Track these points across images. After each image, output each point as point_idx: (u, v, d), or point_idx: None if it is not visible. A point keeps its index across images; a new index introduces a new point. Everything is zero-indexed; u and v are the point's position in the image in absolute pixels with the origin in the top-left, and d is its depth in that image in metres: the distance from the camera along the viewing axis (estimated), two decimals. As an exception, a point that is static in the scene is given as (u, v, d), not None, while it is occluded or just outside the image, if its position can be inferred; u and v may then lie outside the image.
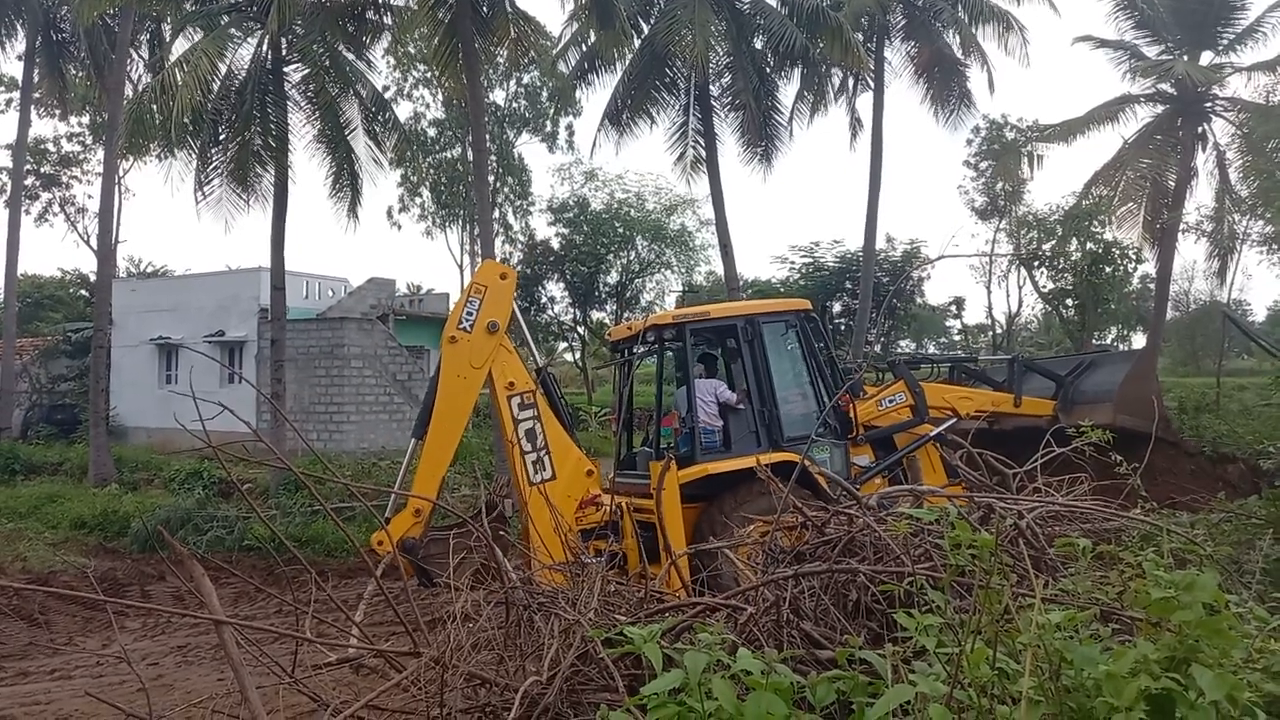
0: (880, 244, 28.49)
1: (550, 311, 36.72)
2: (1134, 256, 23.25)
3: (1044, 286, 24.03)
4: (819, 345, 10.19)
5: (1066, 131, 24.71)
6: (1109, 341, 41.44)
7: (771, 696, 2.43)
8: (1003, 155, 34.58)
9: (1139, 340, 44.03)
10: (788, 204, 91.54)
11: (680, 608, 3.96)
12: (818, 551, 4.65)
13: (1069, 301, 23.20)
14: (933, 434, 10.23)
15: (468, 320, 8.83)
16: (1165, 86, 23.54)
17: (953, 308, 38.45)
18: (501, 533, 8.53)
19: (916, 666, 2.64)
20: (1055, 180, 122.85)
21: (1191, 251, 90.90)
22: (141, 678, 4.12)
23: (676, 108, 23.86)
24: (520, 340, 10.00)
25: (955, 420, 10.92)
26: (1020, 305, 38.27)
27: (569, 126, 39.67)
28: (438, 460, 8.67)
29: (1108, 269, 21.42)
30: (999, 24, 23.32)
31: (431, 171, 39.15)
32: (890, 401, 10.66)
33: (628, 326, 10.35)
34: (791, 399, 9.83)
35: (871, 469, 9.94)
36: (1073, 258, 21.64)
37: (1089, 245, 21.25)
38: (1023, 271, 28.36)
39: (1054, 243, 22.14)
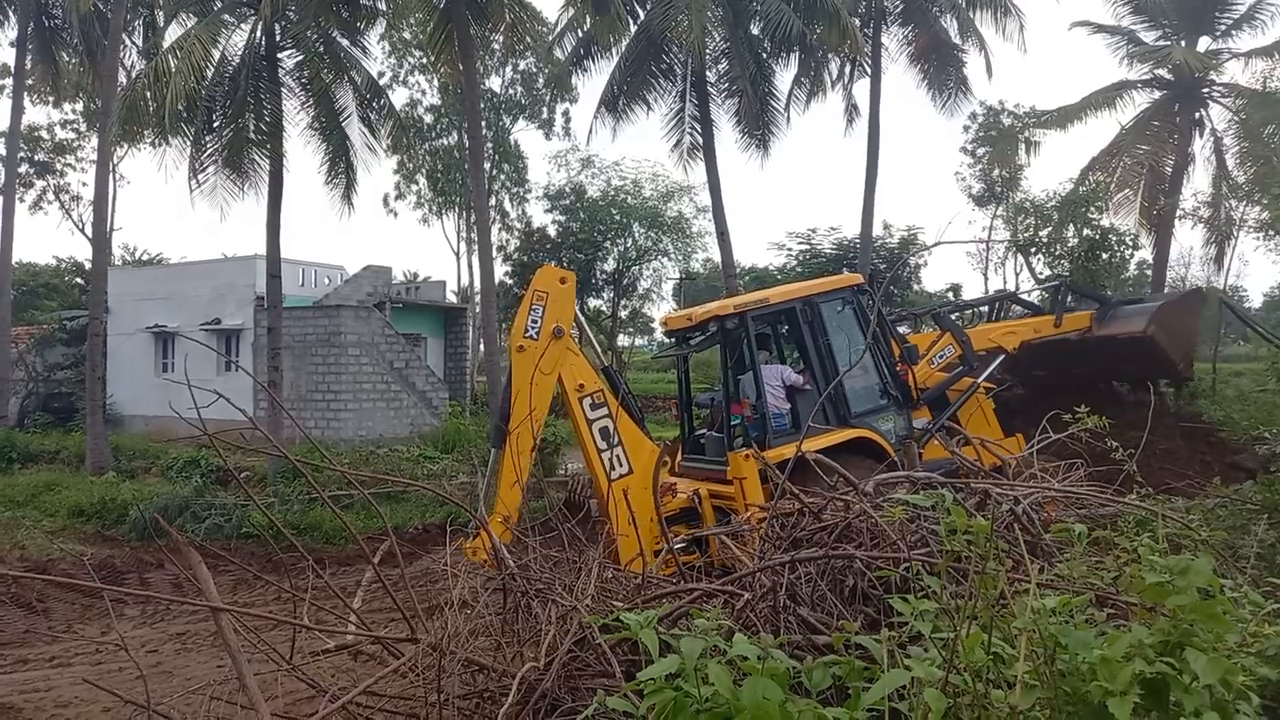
0: (877, 230, 28.52)
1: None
2: (1131, 243, 23.18)
3: (1041, 273, 23.98)
4: (875, 316, 10.35)
5: (1063, 118, 24.66)
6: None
7: (767, 681, 2.44)
8: (1000, 141, 34.53)
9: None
10: (785, 190, 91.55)
11: (677, 593, 3.97)
12: (814, 538, 4.66)
13: (1066, 288, 23.22)
14: (978, 382, 10.48)
15: (534, 328, 9.00)
16: (1163, 72, 23.48)
17: (950, 294, 38.42)
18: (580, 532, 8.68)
19: (912, 651, 2.65)
20: (1052, 166, 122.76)
21: (1188, 237, 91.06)
22: (139, 665, 4.14)
23: (673, 94, 23.79)
24: (583, 341, 10.18)
25: (1002, 358, 11.17)
26: (1017, 291, 38.25)
27: (565, 113, 39.60)
28: (520, 467, 8.79)
29: (1105, 255, 21.36)
30: (997, 9, 23.25)
31: (427, 159, 39.02)
32: (941, 357, 10.82)
33: (687, 317, 10.52)
34: (854, 374, 9.95)
35: (927, 430, 10.09)
36: (1069, 244, 21.58)
37: (1086, 231, 21.19)
38: (1019, 258, 28.35)
39: (1050, 229, 22.09)
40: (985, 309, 13.18)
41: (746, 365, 9.92)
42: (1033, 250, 23.31)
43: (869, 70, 24.35)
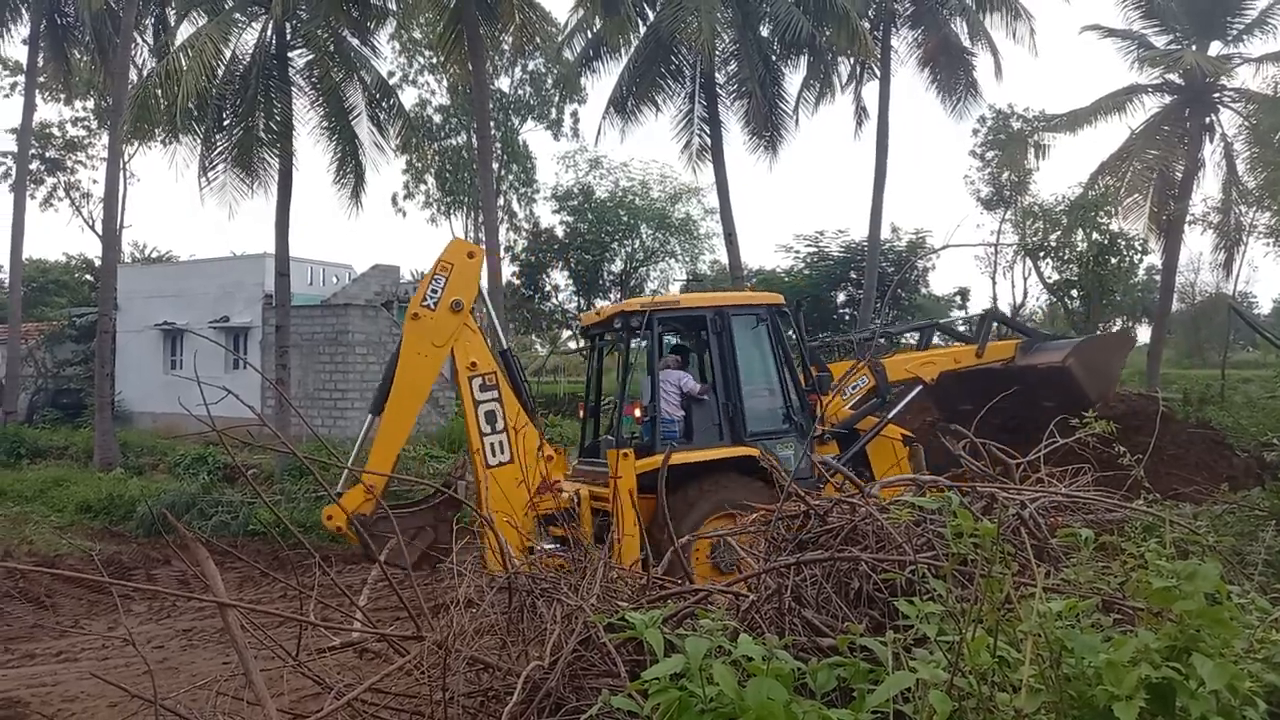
0: (885, 234, 28.47)
1: (554, 299, 36.69)
2: (1140, 248, 23.19)
3: (1049, 277, 23.98)
4: (791, 339, 10.11)
5: (1073, 122, 24.59)
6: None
7: (772, 682, 2.44)
8: (1009, 145, 34.43)
9: (1144, 332, 43.95)
10: (793, 193, 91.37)
11: (682, 594, 3.98)
12: (820, 540, 4.66)
13: (1074, 293, 23.18)
14: (887, 418, 10.07)
15: (432, 298, 8.72)
16: (1173, 77, 23.41)
17: (958, 298, 38.36)
18: (450, 514, 8.53)
19: (917, 654, 2.65)
20: (1061, 171, 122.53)
21: (1198, 243, 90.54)
22: (147, 660, 4.16)
23: (682, 95, 23.82)
24: (487, 321, 9.83)
25: (918, 390, 10.84)
26: (1025, 296, 38.16)
27: (574, 114, 39.62)
28: (394, 438, 8.60)
29: (1113, 260, 21.36)
30: (1007, 11, 23.21)
31: (436, 158, 39.09)
32: (853, 388, 10.42)
33: (597, 313, 10.23)
34: (757, 393, 9.67)
35: (833, 466, 9.79)
36: (1078, 249, 21.57)
37: (1095, 236, 21.18)
38: (1028, 262, 28.31)
39: (1059, 233, 22.07)
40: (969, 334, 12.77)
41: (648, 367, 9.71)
42: (1041, 254, 23.31)
43: (878, 73, 24.34)
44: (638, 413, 9.48)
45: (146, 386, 27.09)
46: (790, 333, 10.33)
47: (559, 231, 35.71)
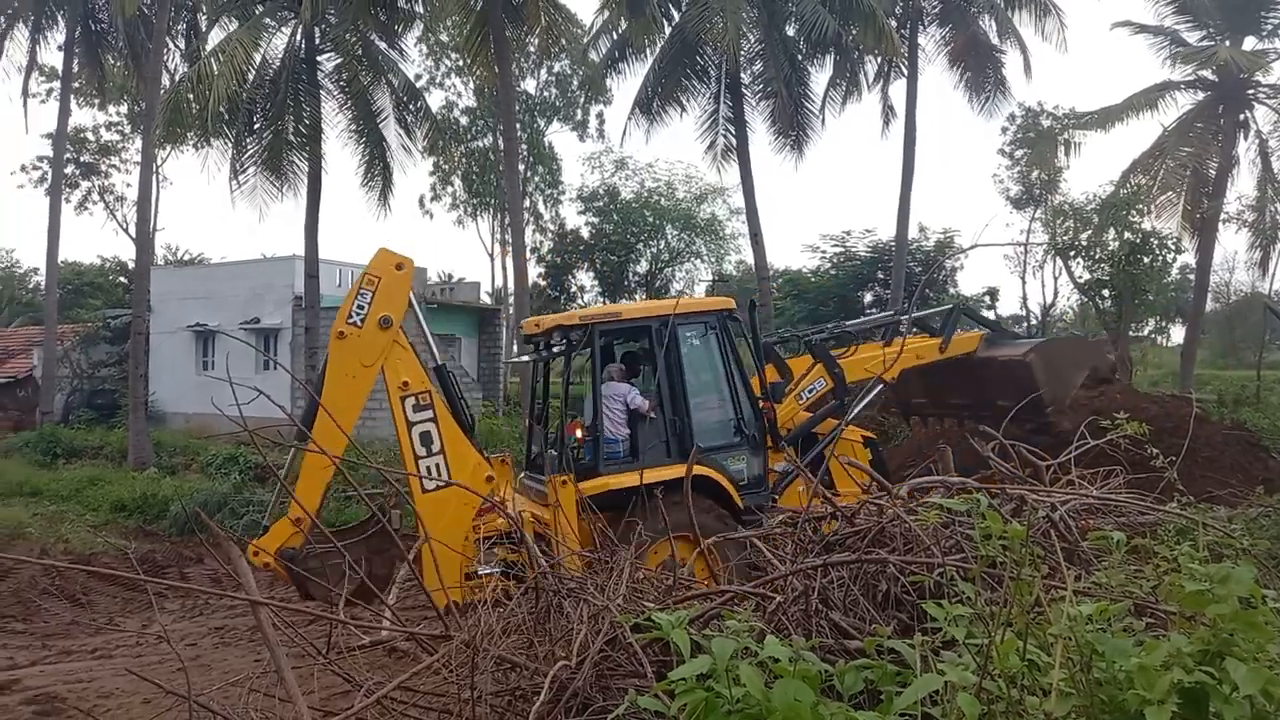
0: (913, 233, 28.25)
1: (580, 301, 36.77)
2: (1173, 247, 22.80)
3: (1080, 277, 23.62)
4: (748, 342, 9.56)
5: (1104, 119, 24.28)
6: (1147, 334, 40.81)
7: (799, 683, 2.44)
8: (1039, 143, 34.05)
9: (1178, 332, 43.31)
10: (819, 193, 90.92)
11: (708, 595, 3.98)
12: (847, 542, 4.64)
13: (1105, 292, 22.83)
14: (845, 421, 9.64)
15: (358, 314, 8.10)
16: (1206, 73, 23.05)
17: (986, 298, 38.01)
18: (384, 545, 7.96)
19: (945, 657, 2.64)
20: (1092, 169, 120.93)
21: (1232, 242, 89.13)
22: (181, 657, 4.22)
23: (707, 96, 23.77)
24: (418, 337, 9.11)
25: (879, 389, 10.46)
26: (1056, 296, 37.72)
27: (599, 115, 39.71)
28: (321, 468, 7.83)
29: (1146, 259, 21.00)
30: (1036, 8, 22.97)
31: (463, 160, 39.31)
32: (810, 391, 9.94)
33: (536, 324, 9.60)
34: (706, 406, 9.14)
35: (789, 474, 9.13)
36: (1110, 248, 21.25)
37: (1127, 235, 20.84)
38: (1058, 262, 27.98)
39: (1090, 232, 21.76)
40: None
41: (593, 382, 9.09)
42: (1072, 254, 22.99)
43: (905, 71, 24.16)
44: (579, 433, 9.01)
45: (179, 387, 27.46)
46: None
47: (584, 233, 35.80)
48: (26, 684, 8.03)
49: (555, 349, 9.36)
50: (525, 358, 10.89)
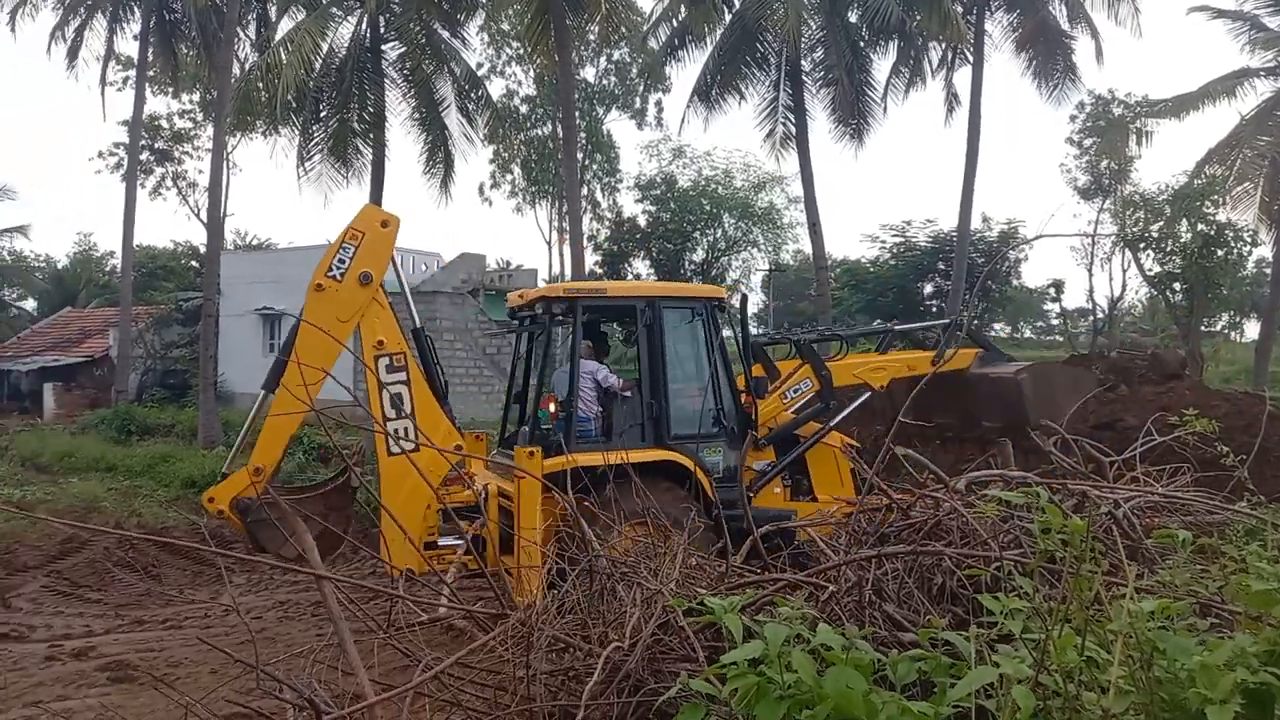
0: (975, 223, 27.70)
1: (637, 289, 36.82)
2: (1249, 239, 22.05)
3: (1150, 270, 22.96)
4: (736, 335, 9.36)
5: (1178, 107, 23.52)
6: (1219, 329, 39.47)
7: (851, 671, 2.44)
8: (1109, 131, 33.10)
9: (1252, 328, 41.78)
10: (880, 182, 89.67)
11: (761, 583, 4.00)
12: (902, 534, 4.61)
13: (1176, 286, 22.16)
14: (830, 425, 9.27)
15: (339, 268, 7.94)
16: (1289, 59, 22.19)
17: (1051, 290, 37.19)
18: (342, 503, 7.99)
19: (1001, 650, 2.62)
20: (1165, 158, 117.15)
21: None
22: (250, 629, 4.38)
23: (766, 83, 23.59)
24: (400, 297, 8.84)
25: (867, 397, 10.04)
26: (1124, 289, 36.70)
27: (658, 103, 39.65)
28: (286, 419, 7.77)
29: (1220, 252, 20.32)
30: (1109, -8, 22.31)
31: (522, 148, 39.61)
32: (795, 391, 9.65)
33: (520, 295, 9.45)
34: (686, 393, 8.98)
35: (768, 473, 9.03)
36: (1182, 240, 20.61)
37: (1200, 227, 20.19)
38: (1127, 254, 27.21)
39: (1162, 224, 21.12)
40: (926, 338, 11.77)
41: (569, 358, 8.94)
42: (1142, 246, 22.35)
43: (971, 58, 23.65)
44: (552, 407, 8.86)
45: (247, 368, 28.22)
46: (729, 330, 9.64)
47: (641, 220, 35.77)
48: (101, 651, 8.37)
49: (537, 322, 9.22)
50: (507, 331, 10.65)
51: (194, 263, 40.83)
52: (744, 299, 10.35)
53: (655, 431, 8.59)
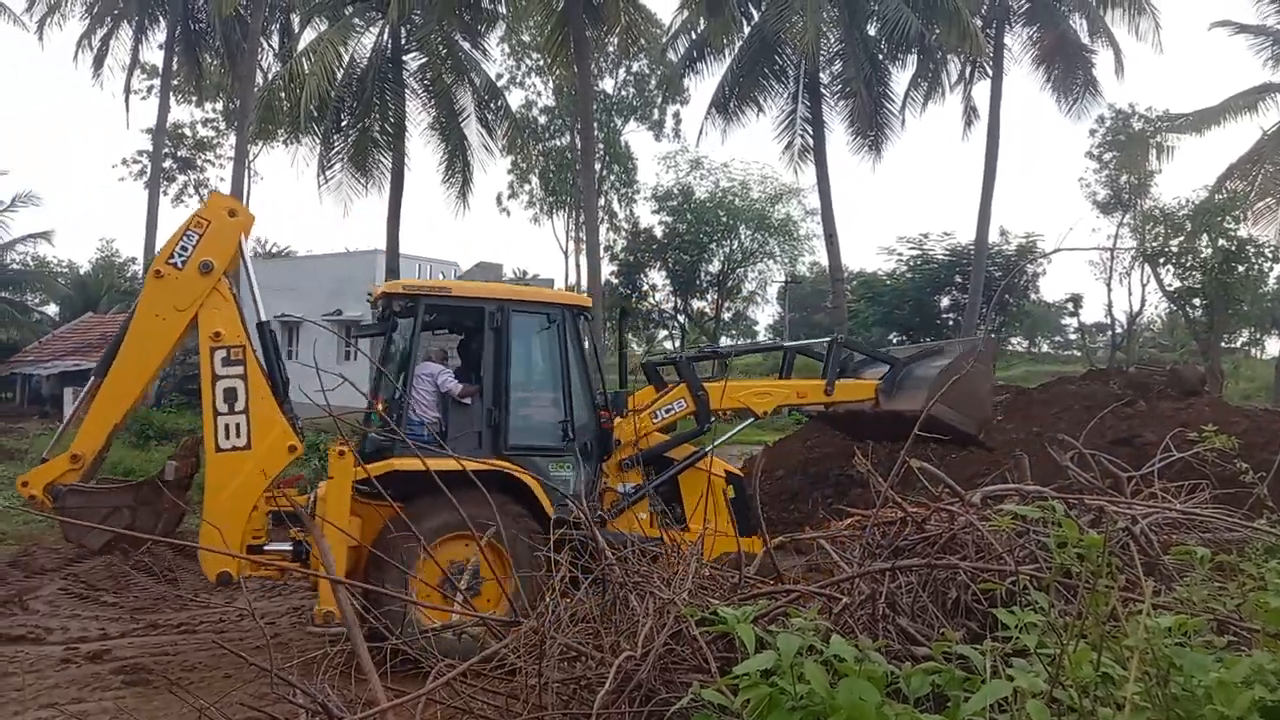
0: (993, 237, 27.64)
1: (651, 299, 36.89)
2: (1270, 255, 21.89)
3: (1170, 285, 22.83)
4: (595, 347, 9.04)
5: (1200, 122, 23.41)
6: (1240, 345, 39.15)
7: (864, 683, 2.43)
8: (1129, 146, 32.97)
9: (1273, 345, 41.40)
10: (897, 194, 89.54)
11: (774, 594, 3.99)
12: (916, 547, 4.59)
13: (1196, 301, 22.02)
14: (703, 450, 8.69)
15: (180, 255, 7.57)
16: (1313, 74, 22.05)
17: (1069, 305, 36.95)
18: (154, 497, 7.70)
19: (1015, 664, 2.61)
20: (1185, 173, 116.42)
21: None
22: (265, 633, 4.40)
23: (785, 96, 23.65)
24: (246, 290, 8.43)
25: (749, 423, 9.59)
26: (1143, 304, 36.44)
27: (676, 114, 39.84)
28: (113, 407, 7.53)
29: (1241, 268, 20.19)
30: (1130, 6, 22.24)
31: (540, 159, 39.83)
32: (666, 411, 9.05)
33: (369, 293, 9.06)
34: (532, 403, 8.54)
35: (630, 495, 8.46)
36: (1202, 255, 20.48)
37: (1221, 242, 20.07)
38: (1147, 269, 27.05)
39: (1182, 239, 21.00)
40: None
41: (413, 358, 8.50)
42: (1162, 261, 22.23)
43: (990, 71, 23.63)
44: (380, 408, 8.50)
45: (264, 374, 28.46)
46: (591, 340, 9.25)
47: (658, 231, 35.91)
48: (117, 654, 8.41)
49: (382, 320, 8.86)
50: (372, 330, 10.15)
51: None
52: (622, 312, 10.07)
53: (493, 441, 8.12)
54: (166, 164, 39.30)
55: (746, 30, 22.69)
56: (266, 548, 7.36)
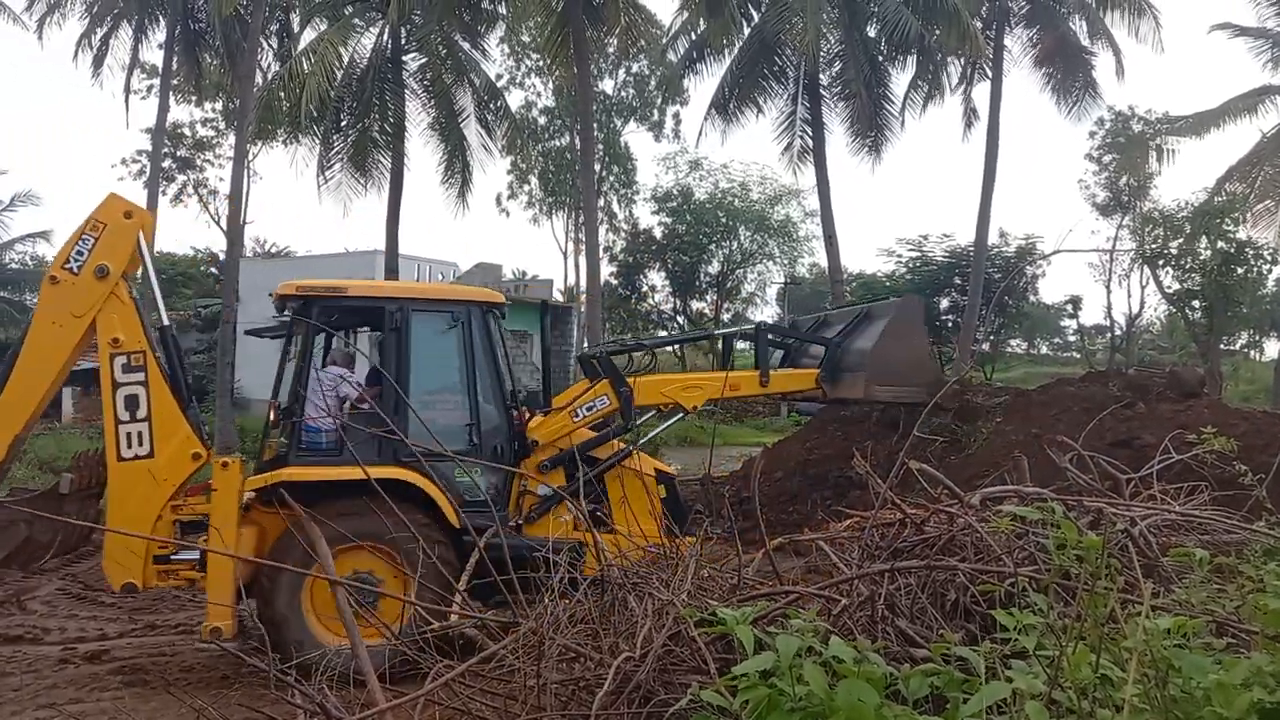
0: (993, 238, 27.63)
1: (651, 300, 36.90)
2: (1270, 257, 21.91)
3: (1169, 287, 22.85)
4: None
5: (1199, 124, 23.43)
6: (1239, 347, 39.17)
7: (863, 684, 2.43)
8: (1129, 148, 33.00)
9: (1272, 347, 41.44)
10: (896, 195, 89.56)
11: (773, 595, 3.98)
12: (915, 549, 4.59)
13: (1196, 303, 22.04)
14: (629, 448, 8.38)
15: (76, 261, 7.38)
16: (1312, 77, 22.07)
17: (1069, 307, 36.95)
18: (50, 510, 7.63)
19: (1014, 666, 2.61)
20: (1185, 175, 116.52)
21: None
22: (265, 633, 4.39)
23: (784, 97, 23.66)
24: (146, 295, 8.24)
25: (679, 418, 9.30)
26: (1142, 306, 36.47)
27: (676, 115, 39.86)
28: (11, 418, 7.32)
29: (1240, 270, 20.21)
30: (1130, 8, 22.25)
31: (540, 159, 39.85)
32: (588, 409, 8.69)
33: (270, 293, 8.80)
34: (435, 406, 8.15)
35: (550, 499, 8.06)
36: (1201, 257, 20.51)
37: (1220, 244, 20.09)
38: (1146, 270, 27.07)
39: (1181, 241, 21.02)
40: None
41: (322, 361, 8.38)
42: (1161, 263, 22.24)
43: (990, 73, 23.64)
44: (272, 415, 8.31)
45: (264, 376, 28.38)
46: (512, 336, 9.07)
47: (657, 232, 35.94)
48: (115, 654, 8.41)
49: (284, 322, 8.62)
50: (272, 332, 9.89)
51: (213, 270, 41.25)
52: (544, 305, 9.54)
53: (391, 447, 7.68)
54: (166, 164, 39.22)
55: (746, 31, 22.69)
56: (173, 557, 7.25)
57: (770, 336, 10.30)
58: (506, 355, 8.76)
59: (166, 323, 8.02)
